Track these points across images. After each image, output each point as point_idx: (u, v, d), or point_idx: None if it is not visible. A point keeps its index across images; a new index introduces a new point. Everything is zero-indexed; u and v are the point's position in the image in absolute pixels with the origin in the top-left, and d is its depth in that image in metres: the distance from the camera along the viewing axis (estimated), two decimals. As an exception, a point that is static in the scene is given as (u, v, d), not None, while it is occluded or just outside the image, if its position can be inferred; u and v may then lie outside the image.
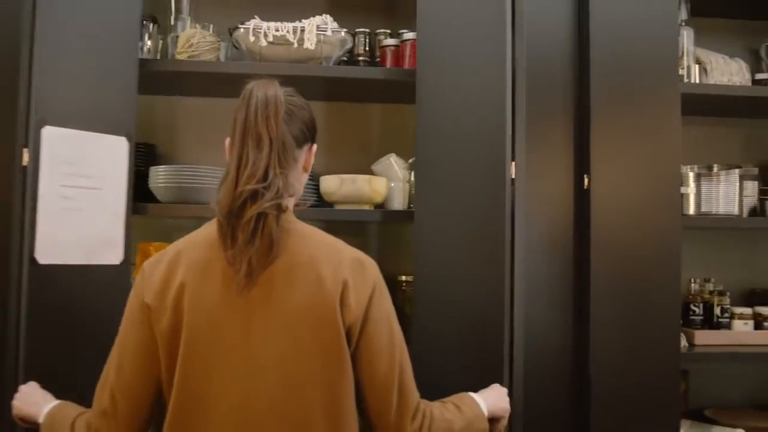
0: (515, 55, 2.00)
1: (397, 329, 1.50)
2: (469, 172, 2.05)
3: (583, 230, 2.21)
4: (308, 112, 1.57)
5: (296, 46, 2.27)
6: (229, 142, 1.47)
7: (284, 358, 1.39)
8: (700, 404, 2.71)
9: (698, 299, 2.60)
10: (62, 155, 1.93)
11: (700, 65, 2.59)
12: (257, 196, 1.39)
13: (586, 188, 2.20)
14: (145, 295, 1.44)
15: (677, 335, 2.26)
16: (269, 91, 1.44)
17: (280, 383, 1.38)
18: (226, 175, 1.43)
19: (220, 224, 1.42)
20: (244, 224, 1.38)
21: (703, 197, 2.55)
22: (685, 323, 2.54)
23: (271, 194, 1.39)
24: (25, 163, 1.88)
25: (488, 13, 2.06)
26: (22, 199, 1.88)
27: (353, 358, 1.43)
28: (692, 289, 2.64)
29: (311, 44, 2.26)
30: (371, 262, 1.51)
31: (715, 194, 2.55)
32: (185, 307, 1.40)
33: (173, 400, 1.40)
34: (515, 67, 2.00)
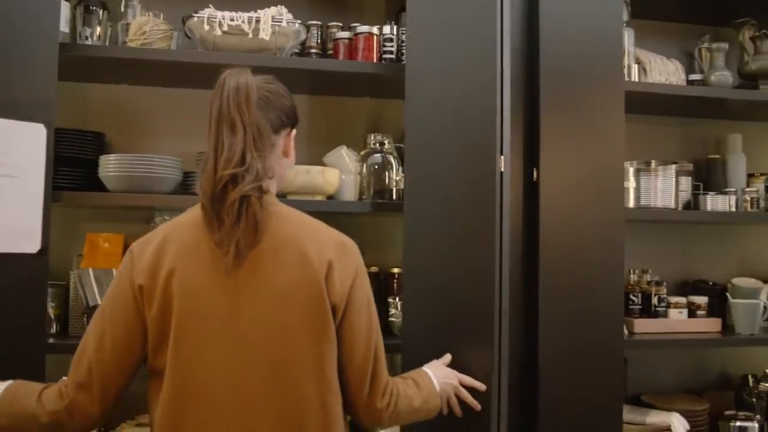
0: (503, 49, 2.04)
1: (374, 311, 1.56)
2: (457, 165, 2.10)
3: (532, 222, 2.26)
4: (286, 99, 1.60)
5: (251, 36, 2.26)
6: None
7: (273, 336, 1.42)
8: (636, 390, 2.80)
9: (637, 289, 2.70)
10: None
11: (639, 65, 2.68)
12: (237, 179, 1.42)
13: (534, 181, 2.26)
14: (136, 276, 1.46)
15: (621, 324, 2.33)
16: (240, 78, 1.48)
17: (271, 362, 1.42)
18: (205, 161, 1.47)
19: (204, 209, 1.45)
20: (228, 207, 1.42)
21: (642, 191, 2.64)
22: (624, 312, 2.62)
23: (251, 177, 1.43)
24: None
25: (476, 6, 2.09)
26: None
27: (339, 331, 1.49)
28: (631, 279, 2.73)
29: (266, 35, 2.25)
30: (353, 244, 1.56)
31: (653, 188, 2.65)
32: (174, 290, 1.43)
33: (167, 383, 1.42)
34: (503, 61, 2.03)
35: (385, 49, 2.46)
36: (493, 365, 1.94)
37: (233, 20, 2.25)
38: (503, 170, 2.00)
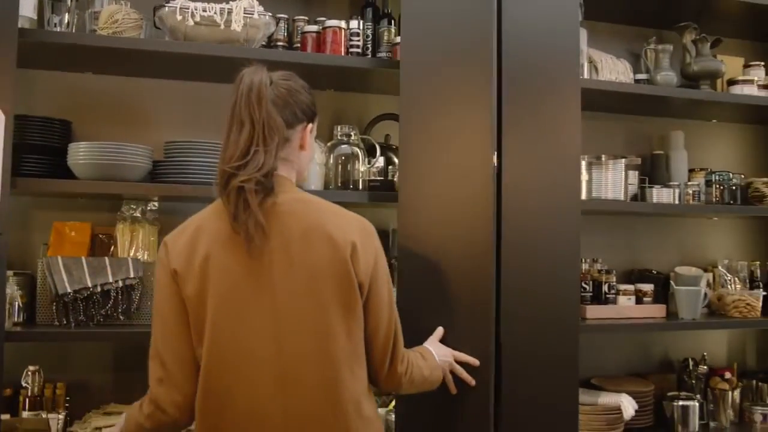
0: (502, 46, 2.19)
1: (391, 287, 1.69)
2: (451, 161, 2.22)
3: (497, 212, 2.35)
4: (304, 95, 1.69)
5: (223, 27, 2.28)
6: None
7: (308, 312, 1.54)
8: (585, 374, 2.93)
9: (588, 277, 2.82)
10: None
11: (591, 63, 2.81)
12: (238, 172, 1.53)
13: (497, 172, 2.35)
14: (171, 263, 1.57)
15: (577, 310, 2.44)
16: (255, 77, 1.59)
17: (307, 335, 1.53)
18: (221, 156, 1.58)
19: (222, 199, 1.57)
20: (230, 198, 1.54)
21: (593, 184, 2.76)
22: (577, 299, 2.75)
23: (250, 169, 1.53)
24: None
25: (471, 5, 2.23)
26: None
27: (365, 308, 1.61)
28: (583, 268, 2.85)
29: (239, 26, 2.28)
30: (371, 226, 1.67)
31: (604, 181, 2.78)
32: (210, 273, 1.54)
33: (207, 359, 1.54)
34: (501, 58, 2.20)
35: (351, 43, 2.52)
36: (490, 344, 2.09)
37: (205, 11, 2.27)
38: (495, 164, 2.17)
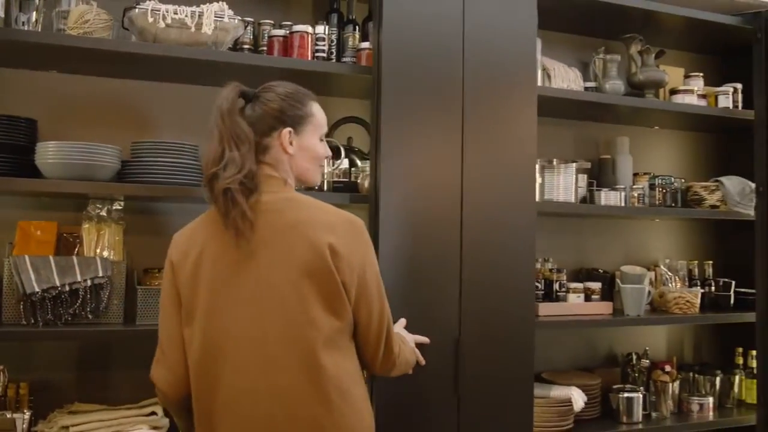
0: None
1: (382, 284, 1.78)
2: (423, 165, 2.35)
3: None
4: (276, 103, 1.80)
5: (193, 30, 2.31)
6: None
7: (289, 303, 1.65)
8: (536, 368, 3.03)
9: (540, 276, 2.94)
10: None
11: (545, 71, 2.93)
12: (218, 176, 1.69)
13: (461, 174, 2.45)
14: (171, 255, 1.77)
15: (533, 307, 2.57)
16: (224, 92, 1.76)
17: (286, 323, 1.64)
18: None
19: (213, 203, 1.73)
20: (216, 199, 1.70)
21: (546, 187, 2.89)
22: (530, 297, 2.87)
23: (229, 172, 1.68)
24: None
25: (445, 13, 2.38)
26: None
27: (356, 308, 1.72)
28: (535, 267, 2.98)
29: (209, 29, 2.31)
30: (361, 224, 1.76)
31: (556, 184, 2.90)
32: (203, 264, 1.70)
33: (198, 344, 1.68)
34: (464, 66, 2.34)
35: (317, 47, 2.57)
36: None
37: (177, 14, 2.29)
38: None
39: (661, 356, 3.36)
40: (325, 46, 2.59)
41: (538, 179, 2.87)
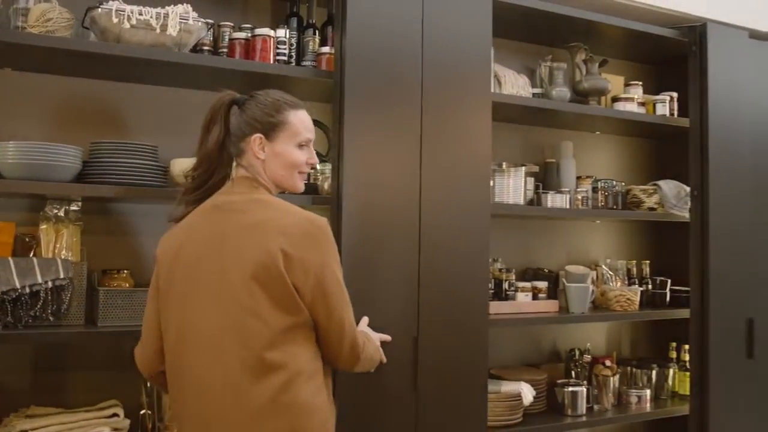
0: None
1: (343, 286, 1.85)
2: (387, 165, 2.43)
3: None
4: (251, 110, 1.93)
5: (158, 31, 2.32)
6: None
7: (240, 301, 1.75)
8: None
9: (491, 276, 3.05)
10: None
11: (496, 78, 3.03)
12: (195, 179, 1.96)
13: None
14: (157, 250, 1.93)
15: (486, 305, 2.68)
16: (214, 100, 1.96)
17: (237, 319, 1.75)
18: None
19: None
20: (197, 198, 1.94)
21: (496, 189, 2.99)
22: (481, 296, 2.97)
23: (201, 177, 1.94)
24: None
25: (405, 19, 2.49)
26: None
27: (313, 309, 1.79)
28: (486, 267, 3.08)
29: (174, 31, 2.32)
30: (324, 224, 1.83)
31: (506, 187, 3.01)
32: (180, 258, 1.85)
33: (168, 335, 1.86)
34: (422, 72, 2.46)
35: (278, 51, 2.61)
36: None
37: (141, 15, 2.30)
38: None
39: (601, 352, 3.52)
40: (286, 49, 2.63)
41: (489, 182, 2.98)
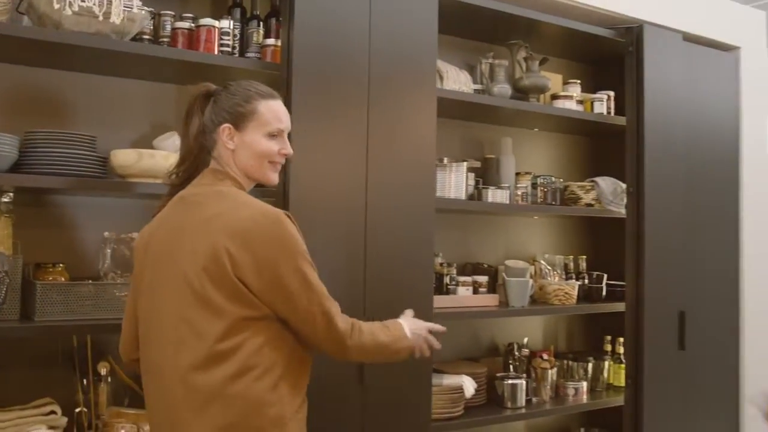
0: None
1: (308, 272, 1.84)
2: (334, 158, 2.49)
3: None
4: (221, 101, 1.95)
5: (101, 18, 2.31)
6: None
7: (195, 292, 1.79)
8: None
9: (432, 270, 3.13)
10: None
11: (438, 73, 3.11)
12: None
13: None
14: (136, 239, 2.02)
15: (431, 299, 2.75)
16: (190, 91, 2.00)
17: (191, 305, 1.80)
18: None
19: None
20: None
21: (438, 184, 3.07)
22: (424, 290, 3.05)
23: (174, 168, 1.99)
24: None
25: (352, 13, 2.52)
26: None
27: (273, 306, 1.81)
28: (428, 261, 3.16)
29: (118, 19, 2.32)
30: (278, 218, 1.82)
31: (447, 182, 3.10)
32: (152, 246, 1.92)
33: (139, 325, 1.93)
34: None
35: (222, 42, 2.62)
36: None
37: (84, 2, 2.28)
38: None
39: (538, 346, 3.65)
40: (229, 40, 2.65)
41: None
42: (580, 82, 3.56)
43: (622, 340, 3.52)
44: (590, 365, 3.54)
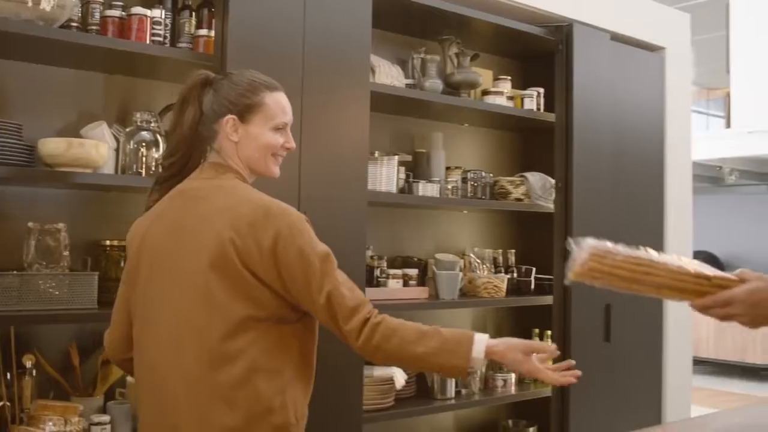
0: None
1: (314, 259, 1.78)
2: None
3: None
4: (225, 91, 1.92)
5: (30, 5, 2.37)
6: None
7: (198, 290, 1.77)
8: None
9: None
10: None
11: (370, 67, 3.24)
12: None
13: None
14: (128, 233, 1.97)
15: (364, 292, 2.86)
16: (187, 80, 1.96)
17: (194, 304, 1.78)
18: None
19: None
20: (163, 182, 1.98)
21: (369, 177, 3.20)
22: (355, 282, 3.18)
23: (175, 167, 1.94)
24: None
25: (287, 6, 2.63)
26: None
27: (285, 288, 1.77)
28: (359, 254, 3.29)
29: (48, 5, 2.38)
30: (278, 210, 1.81)
31: (379, 176, 3.23)
32: (146, 244, 1.88)
33: (134, 322, 1.90)
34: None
35: (154, 31, 2.70)
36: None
37: (13, -13, 2.34)
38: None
39: (468, 338, 3.80)
40: (161, 30, 2.72)
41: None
42: (510, 78, 3.74)
43: (550, 332, 3.71)
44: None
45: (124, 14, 2.67)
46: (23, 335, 2.57)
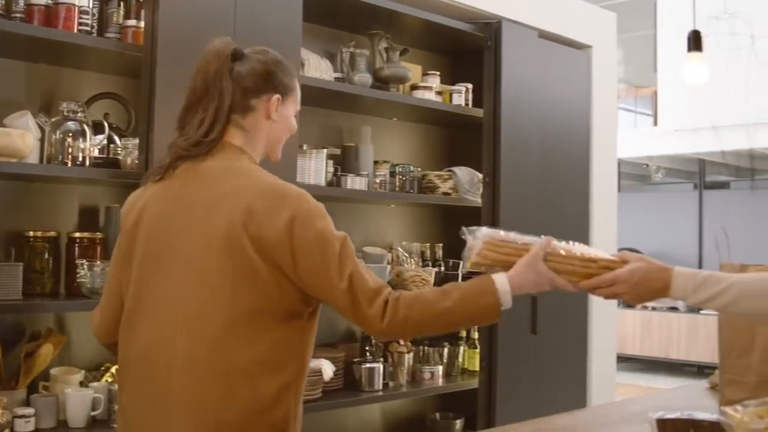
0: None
1: (331, 244, 1.78)
2: None
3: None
4: (271, 66, 1.93)
5: (-46, -8, 2.42)
6: None
7: (206, 274, 1.77)
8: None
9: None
10: None
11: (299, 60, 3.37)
12: (176, 142, 1.91)
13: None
14: (122, 208, 1.97)
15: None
16: (213, 48, 1.94)
17: (200, 293, 1.76)
18: None
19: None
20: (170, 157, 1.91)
21: (298, 171, 3.33)
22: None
23: (182, 139, 1.89)
24: None
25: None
26: None
27: (297, 274, 1.76)
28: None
29: (-28, -7, 2.44)
30: (295, 193, 1.83)
31: (307, 169, 3.36)
32: (144, 220, 1.86)
33: (128, 294, 1.87)
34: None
35: (81, 20, 2.77)
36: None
37: (-64, -26, 2.39)
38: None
39: (396, 332, 3.97)
40: (89, 19, 2.80)
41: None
42: (439, 73, 3.92)
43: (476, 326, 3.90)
44: (446, 350, 3.91)
45: (50, 2, 2.73)
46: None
